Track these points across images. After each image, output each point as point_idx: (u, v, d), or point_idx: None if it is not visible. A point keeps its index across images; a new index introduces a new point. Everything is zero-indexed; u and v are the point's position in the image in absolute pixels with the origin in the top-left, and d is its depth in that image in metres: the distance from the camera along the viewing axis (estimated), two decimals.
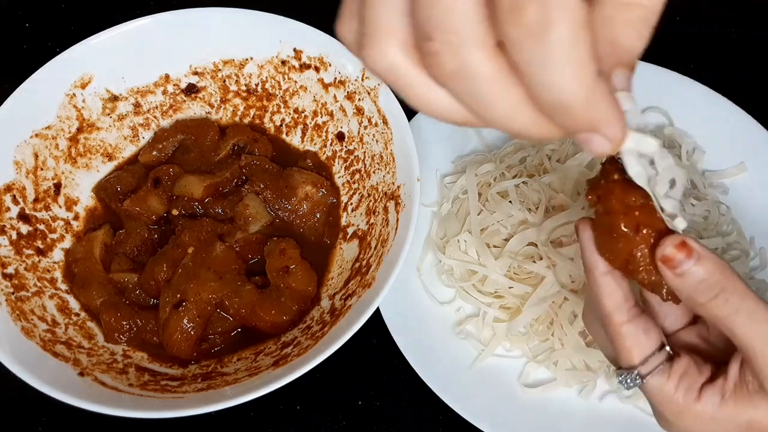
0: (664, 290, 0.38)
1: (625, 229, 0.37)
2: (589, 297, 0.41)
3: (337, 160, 0.65)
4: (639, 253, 0.37)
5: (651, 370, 0.38)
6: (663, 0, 0.28)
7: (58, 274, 0.60)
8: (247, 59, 0.66)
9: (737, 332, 0.36)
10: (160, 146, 0.65)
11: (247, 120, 0.68)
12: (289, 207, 0.62)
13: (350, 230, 0.62)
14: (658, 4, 0.28)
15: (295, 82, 0.66)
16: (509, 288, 0.59)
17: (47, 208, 0.62)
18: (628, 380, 0.39)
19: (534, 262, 0.59)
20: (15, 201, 0.60)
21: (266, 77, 0.67)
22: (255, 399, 0.49)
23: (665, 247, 0.36)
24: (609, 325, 0.39)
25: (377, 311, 0.58)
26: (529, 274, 0.59)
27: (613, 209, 0.37)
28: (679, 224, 0.36)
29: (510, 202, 0.62)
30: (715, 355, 0.40)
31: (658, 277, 0.38)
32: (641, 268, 0.38)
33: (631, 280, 0.39)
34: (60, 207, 0.63)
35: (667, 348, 0.39)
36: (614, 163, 0.37)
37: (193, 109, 0.68)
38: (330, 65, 0.64)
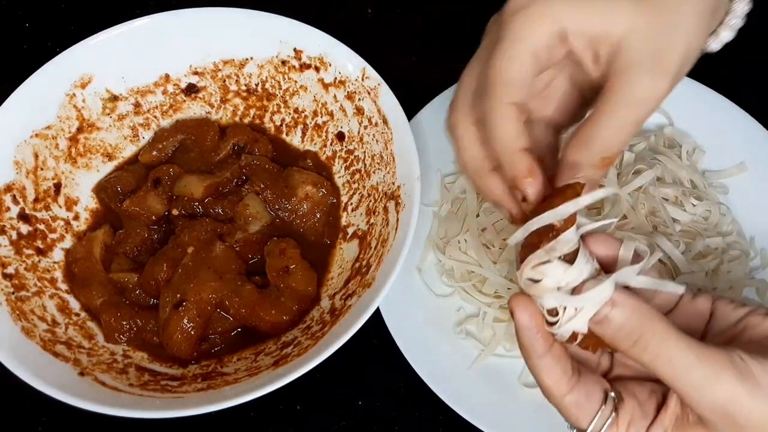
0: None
1: None
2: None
3: (337, 160, 0.65)
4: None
5: (600, 430, 0.39)
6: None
7: (58, 274, 0.60)
8: (247, 59, 0.66)
9: (662, 377, 0.36)
10: (160, 146, 0.65)
11: (247, 120, 0.68)
12: (289, 207, 0.62)
13: (350, 230, 0.62)
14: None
15: (295, 82, 0.66)
16: (508, 289, 0.59)
17: (47, 208, 0.62)
18: None
19: None
20: (15, 201, 0.60)
21: (266, 77, 0.67)
22: (255, 399, 0.49)
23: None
24: (550, 398, 0.40)
25: (377, 311, 0.58)
26: None
27: None
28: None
29: None
30: None
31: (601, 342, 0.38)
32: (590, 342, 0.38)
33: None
34: (60, 207, 0.63)
35: (611, 394, 0.39)
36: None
37: (193, 109, 0.68)
38: (330, 65, 0.64)
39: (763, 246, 0.63)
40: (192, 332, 0.56)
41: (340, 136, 0.65)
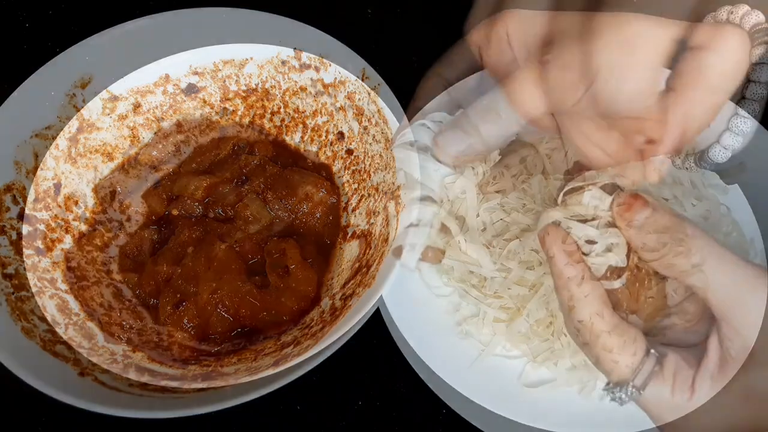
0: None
1: None
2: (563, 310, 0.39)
3: (337, 160, 0.65)
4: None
5: (645, 380, 0.36)
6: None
7: (58, 274, 0.60)
8: (247, 59, 0.66)
9: (714, 283, 0.34)
10: (160, 146, 0.65)
11: (247, 120, 0.68)
12: (289, 207, 0.62)
13: (350, 230, 0.62)
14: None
15: (295, 82, 0.66)
16: (508, 289, 0.59)
17: (47, 208, 0.62)
18: (623, 396, 0.37)
19: (532, 268, 0.59)
20: (15, 201, 0.60)
21: (266, 77, 0.67)
22: (255, 399, 0.49)
23: (620, 197, 0.35)
24: (591, 337, 0.37)
25: (377, 311, 0.58)
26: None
27: None
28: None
29: (507, 198, 0.62)
30: (697, 331, 0.39)
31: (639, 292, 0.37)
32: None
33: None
34: (60, 207, 0.63)
35: (653, 351, 0.37)
36: None
37: (193, 109, 0.68)
38: (330, 65, 0.64)
39: (763, 246, 0.63)
40: (192, 332, 0.56)
41: (340, 136, 0.65)
